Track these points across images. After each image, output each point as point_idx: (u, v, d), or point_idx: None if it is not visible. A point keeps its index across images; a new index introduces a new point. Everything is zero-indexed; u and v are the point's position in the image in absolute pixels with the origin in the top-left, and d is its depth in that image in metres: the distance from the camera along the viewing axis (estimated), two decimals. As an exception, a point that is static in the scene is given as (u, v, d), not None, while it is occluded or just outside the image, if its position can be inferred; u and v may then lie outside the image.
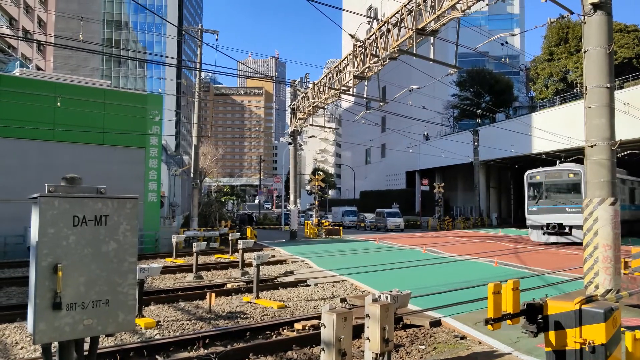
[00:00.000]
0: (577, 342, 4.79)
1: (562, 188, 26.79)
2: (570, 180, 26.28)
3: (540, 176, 27.53)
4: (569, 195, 26.12)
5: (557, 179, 26.86)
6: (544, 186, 27.27)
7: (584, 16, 10.46)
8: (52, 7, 67.69)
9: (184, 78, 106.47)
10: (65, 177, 4.86)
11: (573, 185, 26.19)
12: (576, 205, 24.76)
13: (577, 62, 47.56)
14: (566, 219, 25.73)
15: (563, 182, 26.65)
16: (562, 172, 26.77)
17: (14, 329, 9.09)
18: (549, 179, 27.14)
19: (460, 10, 16.00)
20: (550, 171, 27.32)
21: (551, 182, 27.06)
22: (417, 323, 9.28)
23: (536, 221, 27.14)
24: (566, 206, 25.85)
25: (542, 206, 26.98)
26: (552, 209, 26.40)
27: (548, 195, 27.01)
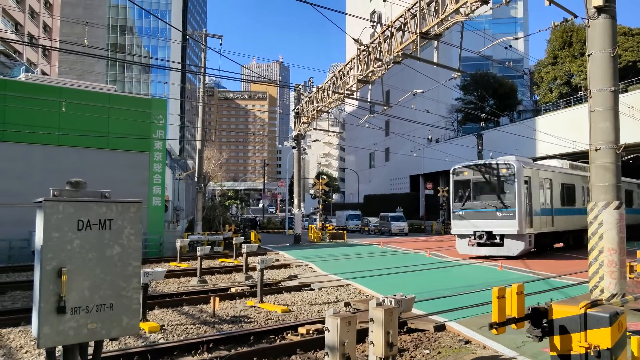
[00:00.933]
0: (582, 346, 4.77)
1: (493, 187, 21.58)
2: (502, 176, 21.14)
3: (467, 172, 22.29)
4: (500, 196, 21.15)
5: (488, 175, 21.70)
6: (471, 184, 22.01)
7: (588, 19, 10.45)
8: (57, 12, 68.06)
9: (188, 82, 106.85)
10: (70, 182, 4.88)
11: (505, 183, 21.07)
12: (508, 208, 20.58)
13: (581, 65, 47.48)
14: (497, 226, 20.73)
15: (494, 179, 21.52)
16: (493, 166, 21.54)
17: (19, 332, 9.10)
18: (477, 175, 21.91)
19: (463, 14, 16.00)
20: (479, 165, 22.18)
21: (480, 180, 21.87)
22: (421, 327, 9.25)
23: (462, 228, 22.07)
24: (497, 210, 20.82)
25: (469, 210, 21.79)
26: (480, 213, 21.35)
27: (477, 195, 21.95)
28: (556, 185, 23.47)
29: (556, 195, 23.35)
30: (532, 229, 20.90)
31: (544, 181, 22.67)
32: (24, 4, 58.17)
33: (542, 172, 22.79)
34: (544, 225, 22.05)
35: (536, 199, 21.63)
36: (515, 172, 20.64)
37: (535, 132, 41.23)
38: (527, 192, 20.96)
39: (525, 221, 20.49)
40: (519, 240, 20.38)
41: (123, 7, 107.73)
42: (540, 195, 22.20)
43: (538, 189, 21.89)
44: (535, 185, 21.61)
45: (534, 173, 21.78)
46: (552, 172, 23.75)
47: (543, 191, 22.55)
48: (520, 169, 20.71)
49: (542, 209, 22.17)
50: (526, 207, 20.69)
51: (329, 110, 31.09)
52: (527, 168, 21.39)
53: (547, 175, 23.19)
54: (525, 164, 21.38)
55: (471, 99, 61.06)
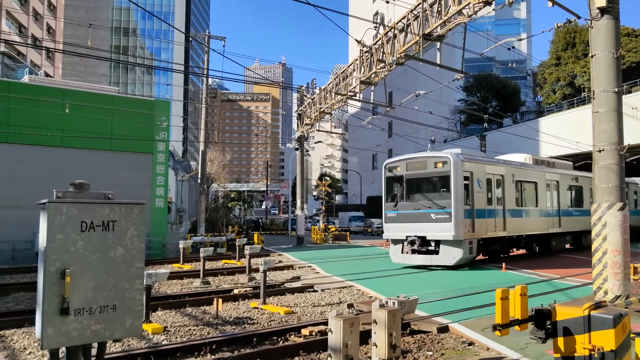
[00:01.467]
0: (586, 348, 4.76)
1: (429, 184, 19.17)
2: (437, 172, 18.39)
3: (401, 166, 19.46)
4: (435, 195, 18.52)
5: (421, 170, 18.86)
6: (405, 181, 19.22)
7: (591, 20, 10.43)
8: (60, 14, 68.28)
9: (191, 84, 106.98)
10: (73, 183, 4.89)
11: (440, 180, 18.46)
12: (443, 209, 17.75)
13: (585, 66, 47.40)
14: (431, 230, 18.09)
15: (429, 175, 18.80)
16: (428, 160, 18.74)
17: (22, 334, 9.12)
18: (411, 170, 19.11)
19: (466, 15, 15.99)
20: (413, 159, 19.36)
21: (415, 176, 19.13)
22: (424, 329, 9.23)
23: (395, 232, 19.29)
24: (431, 211, 18.11)
25: (402, 211, 19.07)
26: (414, 214, 18.62)
27: (410, 194, 19.18)
28: (509, 182, 20.46)
29: (510, 195, 20.36)
30: (474, 233, 18.08)
31: (492, 178, 19.60)
32: (27, 6, 58.38)
33: (489, 167, 19.66)
34: (491, 229, 19.04)
35: (480, 198, 18.64)
36: (451, 168, 17.75)
37: (538, 134, 41.15)
38: (467, 191, 18.22)
39: (464, 224, 17.63)
40: (456, 246, 17.58)
41: (126, 9, 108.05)
42: (488, 194, 19.21)
43: (484, 187, 18.95)
44: (480, 182, 18.74)
45: (478, 168, 18.85)
46: (503, 167, 20.52)
47: (491, 189, 19.50)
48: (457, 163, 17.84)
49: (490, 210, 19.15)
50: (466, 208, 17.89)
51: (331, 112, 31.09)
52: (468, 162, 18.44)
53: (497, 170, 19.99)
54: (465, 158, 18.53)
55: (474, 100, 60.98)
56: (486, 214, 18.86)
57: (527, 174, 22.00)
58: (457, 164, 17.84)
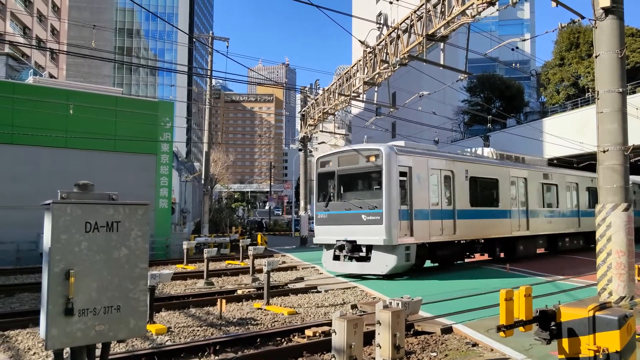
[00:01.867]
0: (591, 349, 4.74)
1: (360, 181, 17.03)
2: (369, 167, 16.17)
3: (333, 161, 17.47)
4: (366, 193, 16.33)
5: (353, 165, 16.76)
6: (337, 178, 17.11)
7: (595, 21, 10.41)
8: (65, 15, 68.49)
9: (194, 85, 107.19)
10: (78, 184, 4.90)
11: (372, 176, 16.22)
12: (375, 210, 15.53)
13: (589, 67, 47.25)
14: (361, 234, 15.81)
15: (360, 170, 16.63)
16: (359, 153, 16.62)
17: (27, 334, 9.14)
18: (343, 165, 17.06)
19: (470, 15, 15.97)
20: (344, 153, 17.40)
21: (347, 171, 17.01)
22: (428, 330, 9.22)
23: (325, 236, 17.11)
24: (362, 212, 15.90)
25: (333, 212, 16.94)
26: (344, 216, 16.43)
27: (342, 192, 17.04)
28: (461, 179, 18.10)
29: (462, 193, 17.99)
30: (412, 237, 15.73)
31: (439, 174, 17.29)
32: (32, 8, 58.60)
33: (435, 161, 17.25)
34: (436, 232, 16.65)
35: (422, 197, 16.32)
36: (383, 162, 15.58)
37: (542, 134, 41.00)
38: (405, 188, 15.97)
39: (398, 227, 15.30)
40: (388, 252, 15.30)
41: (130, 11, 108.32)
42: (432, 192, 16.83)
43: (427, 184, 16.61)
44: (422, 178, 16.43)
45: (419, 163, 16.55)
46: (453, 161, 18.12)
47: (437, 187, 17.15)
48: (390, 156, 15.66)
49: (435, 210, 16.74)
50: (402, 209, 15.61)
51: (335, 113, 31.10)
52: (405, 155, 16.18)
53: (445, 165, 17.61)
54: (402, 150, 16.27)
55: (478, 101, 60.90)
56: (430, 215, 16.48)
57: (486, 170, 19.59)
58: (390, 157, 15.69)
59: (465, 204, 18.12)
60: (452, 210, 17.50)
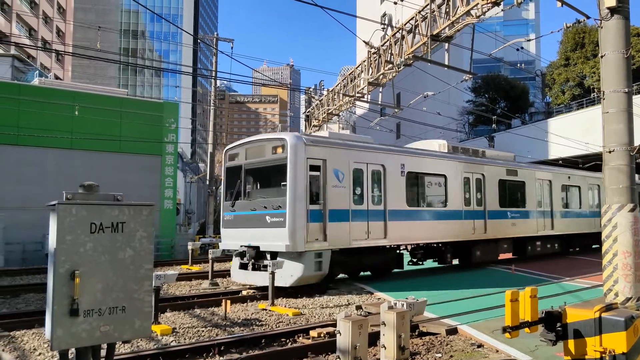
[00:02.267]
0: (597, 350, 4.72)
1: (267, 176, 14.84)
2: (275, 159, 13.91)
3: (240, 154, 15.25)
4: (272, 191, 14.23)
5: (260, 158, 14.58)
6: (243, 173, 14.94)
7: (601, 20, 10.36)
8: (70, 17, 68.77)
9: (199, 86, 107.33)
10: (83, 185, 4.92)
11: (278, 170, 13.72)
12: (279, 210, 13.43)
13: (594, 67, 47.08)
14: (265, 238, 13.68)
15: (267, 163, 14.39)
16: (266, 144, 14.50)
17: (32, 335, 9.17)
18: (250, 158, 14.86)
19: (474, 16, 15.93)
20: (252, 144, 15.07)
21: (253, 165, 14.86)
22: (433, 331, 9.20)
23: (230, 241, 15.12)
24: (266, 212, 13.80)
25: (239, 212, 14.84)
26: (249, 217, 14.36)
27: (249, 190, 14.98)
28: (395, 175, 15.84)
29: (396, 190, 15.77)
30: (325, 242, 13.56)
31: (364, 168, 14.99)
32: (37, 10, 58.86)
33: (359, 153, 14.95)
34: (360, 236, 14.50)
35: (341, 195, 14.09)
36: (288, 153, 13.39)
37: (547, 134, 40.86)
38: (318, 185, 13.80)
39: (305, 230, 13.13)
40: (294, 260, 13.25)
41: (135, 12, 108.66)
42: (355, 190, 14.66)
43: (348, 180, 14.35)
44: (341, 173, 14.19)
45: (337, 155, 14.29)
46: (383, 154, 15.84)
47: (362, 184, 14.89)
48: (297, 147, 13.43)
49: (359, 211, 14.56)
50: (312, 209, 13.41)
51: (339, 113, 31.09)
52: (317, 147, 13.94)
53: (373, 159, 15.29)
54: (313, 141, 14.05)
55: (482, 101, 60.77)
56: (350, 216, 14.24)
57: (429, 165, 17.35)
58: (297, 148, 13.45)
59: (401, 204, 15.83)
60: (382, 211, 15.20)
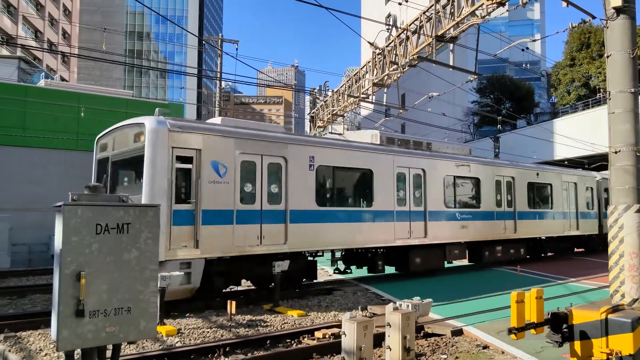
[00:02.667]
0: (603, 352, 4.70)
1: (129, 169, 12.82)
2: (136, 149, 11.76)
3: (109, 142, 13.21)
4: (132, 187, 12.17)
5: (124, 147, 12.47)
6: (110, 165, 12.88)
7: (607, 20, 10.32)
8: (76, 19, 69.06)
9: (204, 87, 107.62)
10: (89, 186, 4.94)
11: (137, 163, 11.49)
12: None
13: (600, 67, 46.94)
14: None
15: (129, 154, 12.26)
16: (128, 129, 12.34)
17: (38, 335, 9.20)
18: (117, 148, 12.75)
19: (479, 16, 15.90)
20: (117, 130, 12.86)
21: (117, 156, 12.77)
22: (438, 332, 9.18)
23: None
24: None
25: None
26: None
27: (114, 185, 12.89)
28: (301, 169, 13.51)
29: (303, 188, 13.47)
30: (197, 250, 11.37)
31: (258, 161, 12.71)
32: (43, 12, 59.13)
33: (247, 143, 12.51)
34: (249, 241, 12.25)
35: (219, 192, 11.83)
36: (146, 142, 11.18)
37: (553, 135, 40.75)
38: (188, 180, 11.68)
39: (167, 236, 10.97)
40: None
41: (140, 14, 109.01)
42: (245, 186, 12.43)
43: (233, 175, 12.09)
44: (222, 167, 11.98)
45: (217, 145, 12.02)
46: (287, 145, 13.33)
47: (255, 179, 12.65)
48: (158, 134, 11.22)
49: (246, 212, 12.29)
50: (177, 209, 11.31)
51: (344, 114, 31.08)
52: (190, 134, 11.69)
53: (269, 150, 12.91)
54: (182, 127, 11.67)
55: (487, 102, 60.67)
56: (235, 218, 12.02)
57: (349, 158, 14.81)
58: (158, 134, 11.20)
59: (308, 203, 13.48)
60: (283, 211, 13.05)
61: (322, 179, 14.21)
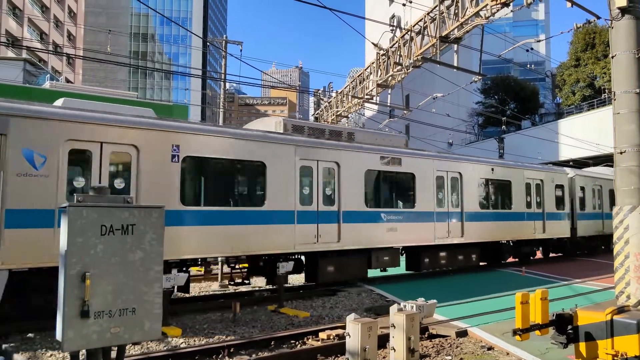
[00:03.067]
0: (608, 353, 4.69)
1: None
2: None
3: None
4: None
5: None
6: None
7: (612, 21, 10.29)
8: (81, 21, 69.33)
9: (209, 89, 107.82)
10: (93, 187, 4.95)
11: None
12: None
13: (605, 67, 46.79)
14: None
15: None
16: None
17: (44, 336, 9.23)
18: None
19: (484, 17, 15.88)
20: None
21: None
22: (443, 333, 9.16)
23: None
24: None
25: None
26: None
27: None
28: (161, 161, 10.81)
29: (162, 184, 10.75)
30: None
31: (94, 150, 10.13)
32: (48, 14, 59.38)
33: (72, 127, 10.44)
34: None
35: (32, 188, 9.23)
36: None
37: (557, 136, 40.67)
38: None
39: None
40: None
41: (145, 15, 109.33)
42: (64, 180, 9.57)
43: (55, 167, 9.57)
44: (40, 156, 9.59)
45: (24, 128, 10.18)
46: (139, 130, 10.60)
47: (84, 172, 10.01)
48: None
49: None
50: None
51: (348, 115, 31.10)
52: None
53: (106, 136, 10.29)
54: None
55: (492, 103, 60.55)
56: (57, 220, 9.11)
57: (231, 148, 12.02)
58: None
59: (171, 201, 10.74)
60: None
61: (190, 173, 11.61)
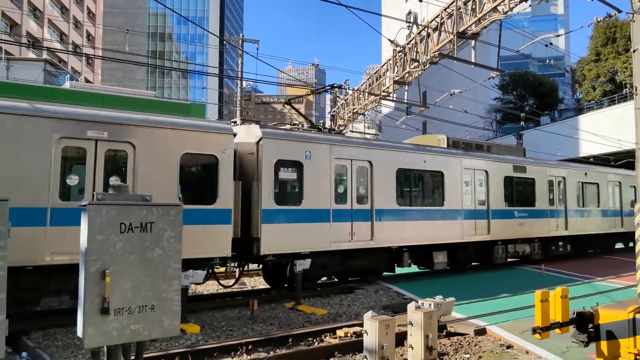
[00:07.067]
0: (631, 352, 4.61)
1: None
2: None
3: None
4: None
5: None
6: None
7: (633, 14, 10.11)
8: (99, 21, 70.10)
9: (226, 87, 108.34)
10: (112, 186, 5.01)
11: None
12: None
13: (626, 62, 46.00)
14: None
15: None
16: None
17: (66, 332, 9.37)
18: None
19: (501, 12, 15.71)
20: None
21: None
22: (461, 331, 9.10)
23: None
24: None
25: None
26: None
27: None
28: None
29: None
30: None
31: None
32: (68, 15, 60.14)
33: None
34: None
35: None
36: None
37: (577, 132, 40.14)
38: None
39: None
40: None
41: (162, 15, 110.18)
42: None
43: None
44: None
45: None
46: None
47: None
48: None
49: None
50: None
51: (365, 112, 31.03)
52: None
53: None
54: None
55: (510, 99, 59.93)
56: None
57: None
58: None
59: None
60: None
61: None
